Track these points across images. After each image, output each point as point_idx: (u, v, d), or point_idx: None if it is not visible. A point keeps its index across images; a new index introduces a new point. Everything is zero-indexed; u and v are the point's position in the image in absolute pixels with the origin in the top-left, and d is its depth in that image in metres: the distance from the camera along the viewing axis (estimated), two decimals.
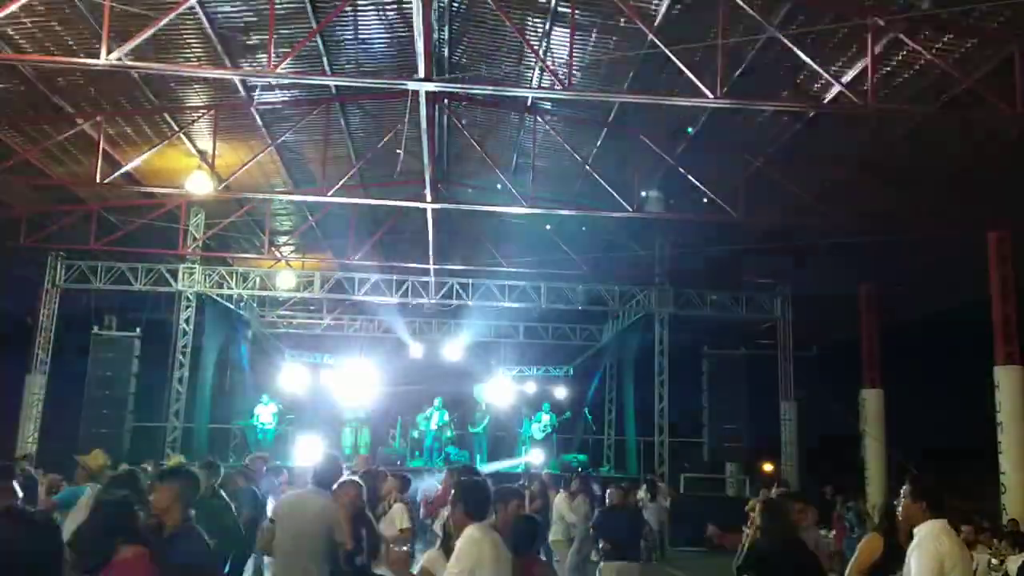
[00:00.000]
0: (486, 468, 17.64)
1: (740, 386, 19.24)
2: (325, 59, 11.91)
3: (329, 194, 13.57)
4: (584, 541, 9.89)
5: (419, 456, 19.66)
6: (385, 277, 19.34)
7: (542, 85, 11.55)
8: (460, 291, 19.29)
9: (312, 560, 5.35)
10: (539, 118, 13.25)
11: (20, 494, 5.35)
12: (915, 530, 4.32)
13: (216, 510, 6.00)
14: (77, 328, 19.03)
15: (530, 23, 10.84)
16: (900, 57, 9.98)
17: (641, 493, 13.36)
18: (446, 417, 20.39)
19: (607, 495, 9.19)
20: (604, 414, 24.06)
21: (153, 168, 15.03)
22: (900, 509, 4.48)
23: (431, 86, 9.63)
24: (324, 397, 23.08)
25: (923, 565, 4.18)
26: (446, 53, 12.19)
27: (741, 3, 8.93)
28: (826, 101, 11.00)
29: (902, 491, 4.46)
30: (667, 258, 18.28)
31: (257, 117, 13.66)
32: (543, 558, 7.10)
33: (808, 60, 9.42)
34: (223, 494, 6.54)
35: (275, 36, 9.55)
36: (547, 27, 10.76)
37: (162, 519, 4.36)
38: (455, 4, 11.10)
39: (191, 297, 18.28)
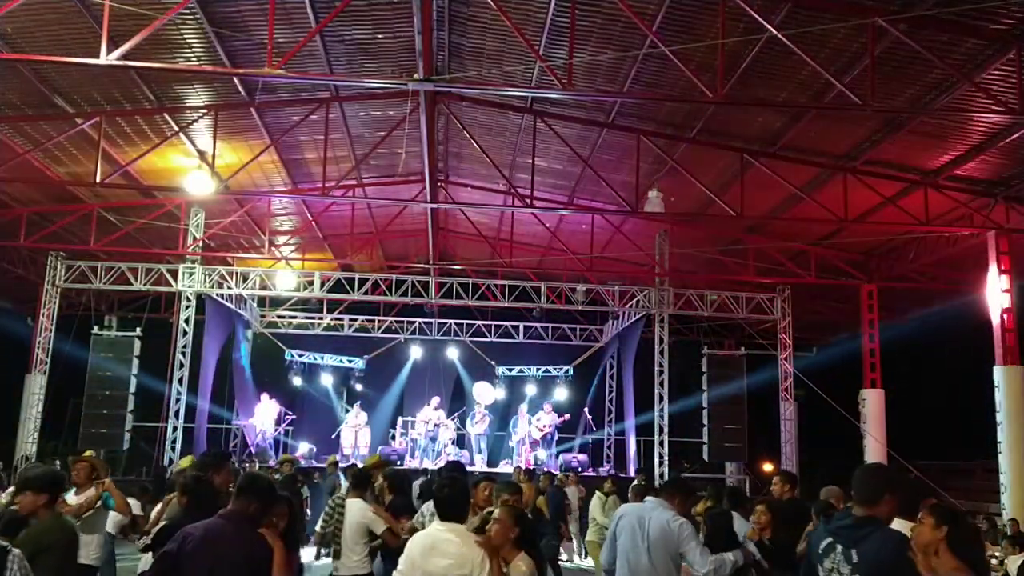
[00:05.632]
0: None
1: (740, 386, 19.20)
2: (325, 59, 11.93)
3: (329, 194, 13.56)
4: None
5: (418, 455, 19.66)
6: (385, 277, 19.33)
7: (542, 85, 11.54)
8: (460, 291, 19.28)
9: None
10: (539, 118, 13.24)
11: None
12: None
13: None
14: (77, 328, 19.03)
15: (530, 23, 10.82)
16: (900, 57, 9.98)
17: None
18: (445, 417, 20.39)
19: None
20: (604, 414, 24.02)
21: (153, 168, 15.04)
22: None
23: (431, 86, 9.63)
24: (324, 397, 23.07)
25: None
26: (446, 53, 12.18)
27: (741, 3, 8.93)
28: (826, 101, 11.00)
29: None
30: (667, 257, 18.23)
31: (257, 117, 13.66)
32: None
33: (808, 60, 9.42)
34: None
35: (275, 36, 9.55)
36: (547, 27, 10.75)
37: None
38: (455, 4, 11.09)
39: (191, 297, 18.26)
